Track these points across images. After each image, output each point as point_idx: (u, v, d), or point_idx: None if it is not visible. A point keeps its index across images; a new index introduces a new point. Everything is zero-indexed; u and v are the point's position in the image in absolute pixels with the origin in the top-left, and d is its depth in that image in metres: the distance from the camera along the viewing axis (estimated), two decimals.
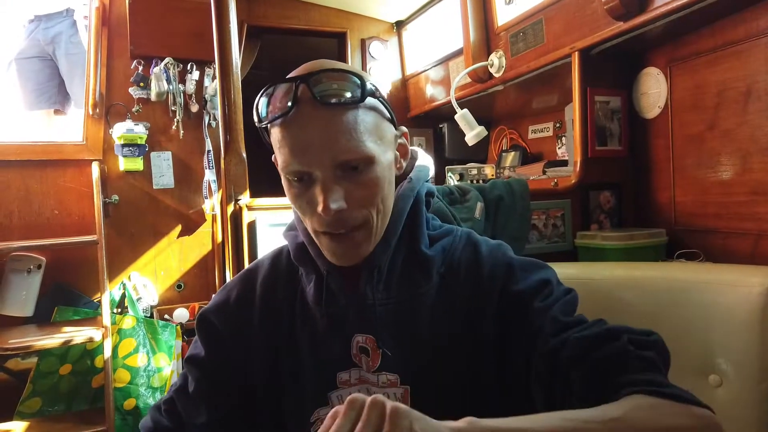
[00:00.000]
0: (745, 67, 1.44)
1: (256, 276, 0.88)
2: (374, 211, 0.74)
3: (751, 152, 1.44)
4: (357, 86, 0.71)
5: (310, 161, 0.70)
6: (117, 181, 2.66)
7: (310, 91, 0.69)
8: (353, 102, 0.70)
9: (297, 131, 0.70)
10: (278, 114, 0.70)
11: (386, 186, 0.75)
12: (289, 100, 0.70)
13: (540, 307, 0.73)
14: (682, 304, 1.19)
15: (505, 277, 0.78)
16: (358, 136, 0.70)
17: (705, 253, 1.54)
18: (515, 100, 2.46)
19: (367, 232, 0.75)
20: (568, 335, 0.68)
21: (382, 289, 0.78)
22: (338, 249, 0.75)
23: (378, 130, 0.74)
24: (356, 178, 0.71)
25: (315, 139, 0.69)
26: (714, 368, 1.14)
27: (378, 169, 0.73)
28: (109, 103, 2.65)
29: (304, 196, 0.73)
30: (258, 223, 1.53)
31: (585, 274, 1.37)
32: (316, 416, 0.78)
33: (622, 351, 0.65)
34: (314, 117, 0.69)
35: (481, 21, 2.23)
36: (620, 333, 0.67)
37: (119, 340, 2.40)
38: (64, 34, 2.87)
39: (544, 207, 1.67)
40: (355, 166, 0.71)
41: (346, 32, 2.96)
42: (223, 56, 1.49)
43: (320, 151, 0.69)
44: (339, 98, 0.70)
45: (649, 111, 1.75)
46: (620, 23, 1.56)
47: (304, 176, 0.72)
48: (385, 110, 0.76)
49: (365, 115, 0.72)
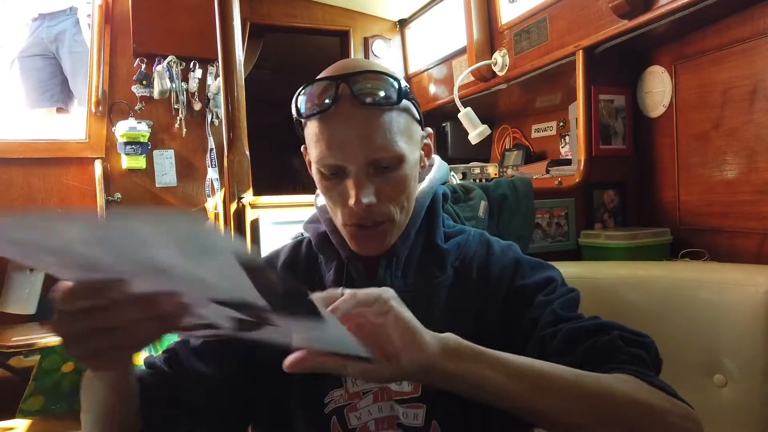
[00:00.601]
0: (751, 65, 1.43)
1: (277, 260, 0.91)
2: (399, 207, 0.78)
3: (757, 151, 1.43)
4: (394, 88, 0.74)
5: (345, 156, 0.74)
6: (120, 179, 2.66)
7: (351, 90, 0.72)
8: (389, 104, 0.74)
9: (335, 127, 0.74)
10: (318, 110, 0.74)
11: (412, 184, 0.80)
12: (329, 97, 0.73)
13: (542, 300, 0.76)
14: (687, 303, 1.18)
15: (512, 272, 0.81)
16: (391, 137, 0.74)
17: (710, 252, 1.53)
18: (518, 99, 2.45)
19: (392, 226, 0.79)
20: (561, 327, 0.71)
21: (400, 276, 0.82)
22: (364, 240, 0.79)
23: (408, 130, 0.78)
24: (386, 176, 0.75)
25: (352, 136, 0.73)
26: (719, 368, 1.14)
27: (407, 167, 0.77)
28: (112, 101, 2.66)
29: (336, 189, 0.77)
30: (261, 220, 1.52)
31: (589, 273, 1.37)
32: (330, 397, 0.79)
33: (610, 345, 0.67)
34: (352, 115, 0.73)
35: (485, 19, 2.22)
36: (612, 328, 0.70)
37: None
38: (67, 32, 2.87)
39: (547, 206, 1.66)
40: (386, 165, 0.75)
41: (349, 30, 2.96)
42: (227, 54, 1.48)
43: (356, 147, 0.73)
44: (377, 99, 0.73)
45: (654, 110, 1.74)
46: (625, 21, 1.55)
47: (338, 170, 0.75)
48: (415, 111, 0.81)
49: (399, 116, 0.76)
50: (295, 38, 3.12)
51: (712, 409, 1.14)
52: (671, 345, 1.20)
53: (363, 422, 0.78)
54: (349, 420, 0.78)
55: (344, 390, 0.79)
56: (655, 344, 0.71)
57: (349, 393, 0.79)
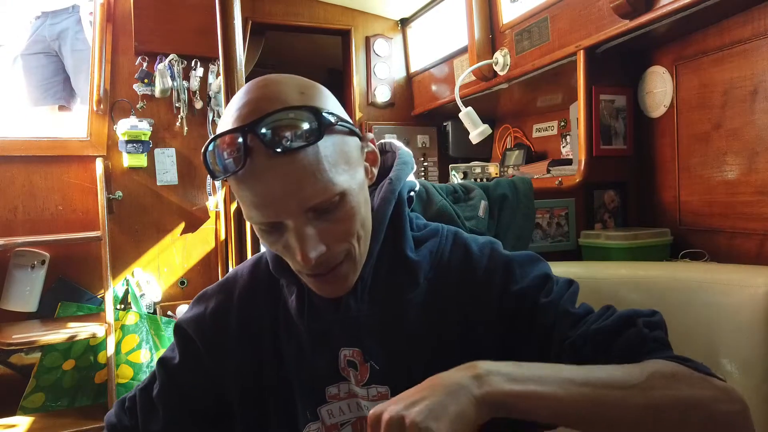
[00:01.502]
0: (752, 66, 1.43)
1: (234, 286, 0.84)
2: (355, 240, 0.69)
3: (758, 152, 1.43)
4: (312, 121, 0.62)
5: (276, 212, 0.64)
6: (121, 177, 2.66)
7: (260, 140, 0.61)
8: (310, 143, 0.62)
9: (254, 184, 0.63)
10: (231, 170, 0.63)
11: (363, 209, 0.70)
12: (238, 153, 0.61)
13: (547, 302, 0.72)
14: (687, 304, 1.18)
15: (503, 276, 0.76)
16: (323, 176, 0.63)
17: (710, 253, 1.53)
18: (520, 99, 2.45)
19: (352, 263, 0.71)
20: (586, 328, 0.69)
21: (367, 300, 0.75)
22: (324, 287, 0.72)
23: (343, 155, 0.67)
24: (330, 217, 0.66)
25: (277, 190, 0.62)
26: (718, 369, 1.14)
27: (352, 199, 0.67)
28: (114, 99, 2.66)
29: (279, 242, 0.68)
30: None
31: (589, 273, 1.37)
32: (307, 431, 0.77)
33: (640, 336, 0.67)
34: (270, 167, 0.62)
35: (486, 19, 2.22)
36: (634, 318, 0.69)
37: (122, 336, 2.40)
38: (70, 31, 2.87)
39: (548, 206, 1.66)
40: (326, 208, 0.65)
41: (351, 30, 2.96)
42: (228, 53, 1.48)
43: (285, 200, 0.63)
44: (293, 143, 0.61)
45: (655, 110, 1.74)
46: (626, 21, 1.55)
47: (275, 225, 0.66)
48: (345, 128, 0.68)
49: (326, 147, 0.64)
50: (296, 37, 3.12)
51: None
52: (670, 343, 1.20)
53: None
54: None
55: (320, 423, 0.76)
56: (662, 316, 0.72)
57: (326, 426, 0.76)
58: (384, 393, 0.74)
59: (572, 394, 0.56)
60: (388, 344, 0.75)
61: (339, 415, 0.76)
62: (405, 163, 0.83)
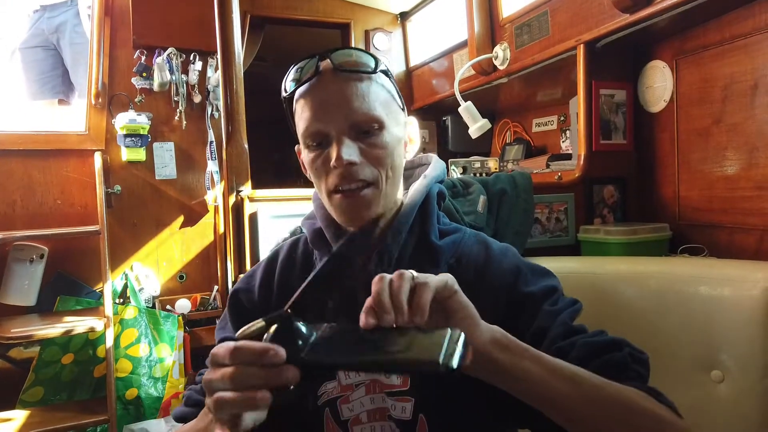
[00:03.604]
0: (752, 60, 1.42)
1: (276, 262, 0.94)
2: (384, 172, 0.80)
3: (758, 147, 1.42)
4: (371, 61, 0.81)
5: (327, 122, 0.78)
6: (119, 171, 2.65)
7: (331, 63, 0.79)
8: (366, 72, 0.80)
9: (317, 96, 0.79)
10: (304, 79, 0.80)
11: (395, 156, 0.82)
12: (311, 71, 0.79)
13: (549, 310, 0.78)
14: (685, 299, 1.18)
15: (513, 278, 0.82)
16: (369, 103, 0.79)
17: (709, 248, 1.53)
18: (519, 93, 2.44)
19: (377, 192, 0.80)
20: (576, 339, 0.74)
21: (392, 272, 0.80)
22: (349, 207, 0.80)
23: (388, 105, 0.82)
24: (368, 140, 0.79)
25: (332, 102, 0.78)
26: (717, 364, 1.14)
27: (387, 136, 0.80)
28: (112, 93, 2.64)
29: (320, 157, 0.80)
30: (259, 214, 1.52)
31: (587, 268, 1.37)
32: (323, 389, 0.81)
33: (623, 361, 0.71)
34: (333, 83, 0.79)
35: (486, 13, 2.21)
36: (623, 345, 0.74)
37: (121, 330, 2.40)
38: (68, 24, 2.86)
39: (547, 201, 1.66)
40: (366, 130, 0.78)
41: (350, 23, 2.95)
42: (226, 46, 1.48)
43: (336, 111, 0.77)
44: (354, 67, 0.79)
45: (655, 105, 1.73)
46: (626, 15, 1.54)
47: (322, 139, 0.79)
48: (396, 95, 0.86)
49: (378, 88, 0.81)
50: (295, 31, 3.11)
51: (709, 405, 1.14)
52: (669, 340, 1.20)
53: (355, 414, 0.80)
54: (341, 412, 0.80)
55: (337, 382, 0.80)
56: (649, 360, 0.75)
57: (342, 385, 0.80)
58: None
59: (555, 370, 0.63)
60: None
61: (355, 376, 0.81)
62: (437, 167, 0.97)
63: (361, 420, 0.79)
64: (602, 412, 0.63)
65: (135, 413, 2.37)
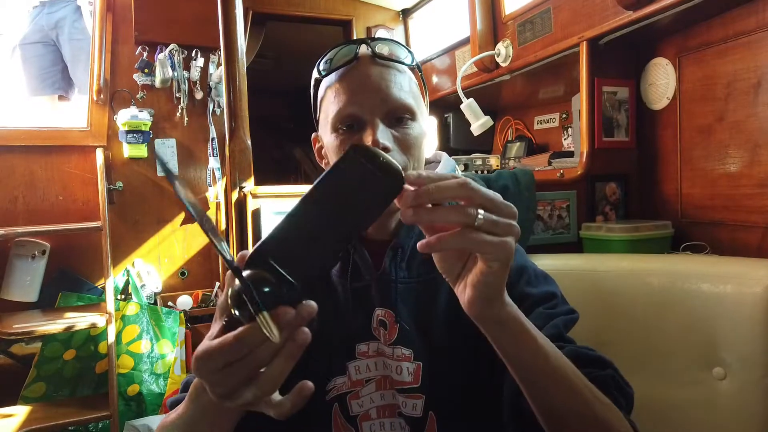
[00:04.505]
0: (755, 58, 1.42)
1: None
2: (412, 161, 0.79)
3: (760, 144, 1.42)
4: (408, 54, 0.83)
5: (363, 104, 0.77)
6: (121, 167, 2.66)
7: (370, 50, 0.80)
8: (403, 63, 0.82)
9: (355, 80, 0.79)
10: (341, 64, 0.80)
11: (422, 149, 0.83)
12: (350, 55, 0.80)
13: (545, 313, 0.78)
14: (687, 297, 1.18)
15: (517, 277, 0.82)
16: (405, 93, 0.80)
17: (712, 246, 1.53)
18: (522, 90, 2.44)
19: None
20: (562, 345, 0.72)
21: (405, 267, 0.83)
22: None
23: (418, 99, 0.83)
24: (400, 129, 0.79)
25: (370, 86, 0.78)
26: (718, 361, 1.14)
27: (417, 127, 0.81)
28: (114, 89, 2.65)
29: (350, 140, 0.78)
30: (262, 210, 1.52)
31: (589, 265, 1.37)
32: (333, 384, 0.80)
33: (603, 381, 0.68)
34: (371, 69, 0.79)
35: (489, 9, 2.21)
36: (607, 365, 0.72)
37: (123, 326, 2.41)
38: (67, 20, 2.86)
39: (549, 198, 1.66)
40: (400, 117, 0.79)
41: (352, 20, 2.94)
42: (229, 43, 1.47)
43: (373, 96, 0.77)
44: (393, 57, 0.81)
45: (657, 102, 1.73)
46: (629, 12, 1.54)
47: (355, 122, 0.78)
48: (424, 92, 0.88)
49: (411, 81, 0.83)
50: (297, 27, 3.11)
51: (710, 402, 1.14)
52: (671, 338, 1.20)
53: (365, 410, 0.80)
54: (351, 407, 0.80)
55: (347, 377, 0.80)
56: (634, 397, 0.72)
57: (352, 381, 0.80)
58: (408, 355, 0.79)
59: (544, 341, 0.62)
60: (418, 311, 0.82)
61: (365, 371, 0.80)
62: (450, 166, 0.98)
63: (371, 416, 0.79)
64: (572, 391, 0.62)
65: (137, 409, 2.37)
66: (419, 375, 0.78)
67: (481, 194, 0.52)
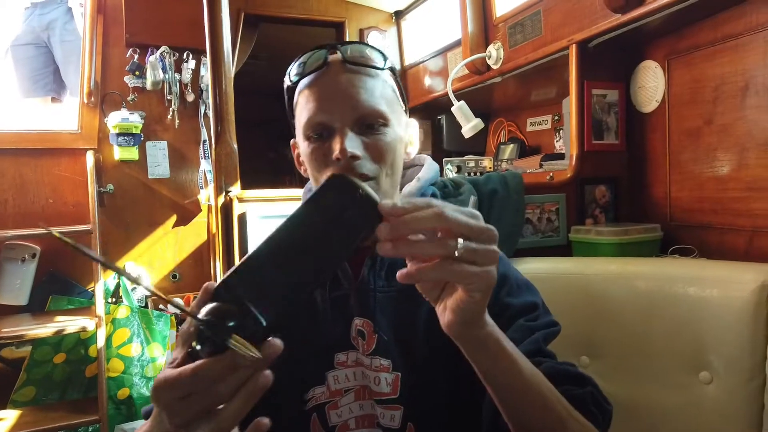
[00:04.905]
0: (743, 61, 1.42)
1: None
2: (384, 169, 0.78)
3: (748, 148, 1.42)
4: (380, 58, 0.81)
5: (332, 112, 0.76)
6: (112, 170, 2.65)
7: (340, 55, 0.78)
8: (375, 68, 0.80)
9: (324, 87, 0.78)
10: (310, 71, 0.79)
11: (396, 154, 0.80)
12: (319, 61, 0.78)
13: (525, 325, 0.77)
14: (675, 300, 1.18)
15: (498, 287, 0.79)
16: (376, 98, 0.78)
17: (700, 249, 1.53)
18: (513, 93, 2.44)
19: (376, 188, 0.77)
20: (541, 360, 0.71)
21: (383, 277, 0.82)
22: None
23: (392, 104, 0.81)
24: (371, 135, 0.77)
25: (339, 93, 0.76)
26: (705, 365, 1.14)
27: (391, 133, 0.79)
28: (104, 91, 2.64)
29: (321, 149, 0.77)
30: (248, 215, 1.51)
31: (578, 269, 1.36)
32: (311, 394, 0.79)
33: (581, 399, 0.68)
34: (341, 75, 0.77)
35: (480, 12, 2.21)
36: (587, 383, 0.71)
37: (113, 329, 2.39)
38: (59, 21, 2.85)
39: (538, 201, 1.65)
40: (371, 124, 0.77)
41: (345, 22, 2.94)
42: (215, 45, 1.47)
43: (342, 104, 0.76)
44: (364, 62, 0.79)
45: (647, 105, 1.73)
46: (618, 15, 1.54)
47: (324, 130, 0.77)
48: (400, 95, 0.85)
49: (384, 86, 0.80)
50: (289, 29, 3.10)
51: (697, 406, 1.14)
52: (658, 341, 1.20)
53: (343, 420, 0.79)
54: (329, 417, 0.79)
55: (326, 387, 0.79)
56: (612, 413, 0.72)
57: (331, 390, 0.79)
58: (386, 366, 0.78)
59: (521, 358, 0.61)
60: (397, 321, 0.81)
61: (344, 381, 0.80)
62: (431, 169, 0.96)
63: (349, 426, 0.78)
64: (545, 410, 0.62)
65: (127, 413, 2.36)
66: (398, 386, 0.77)
67: (459, 222, 0.51)
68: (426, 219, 0.50)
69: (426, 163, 0.97)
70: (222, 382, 0.46)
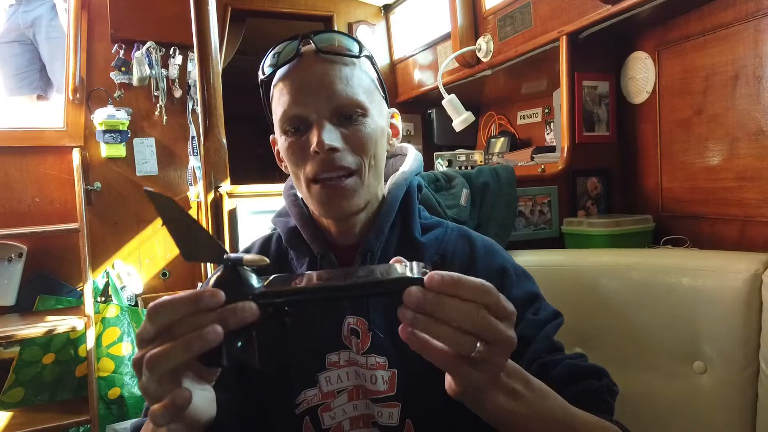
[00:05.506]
0: (733, 51, 1.42)
1: None
2: (366, 161, 0.76)
3: (739, 137, 1.42)
4: (355, 46, 0.78)
5: (307, 104, 0.74)
6: (99, 167, 2.61)
7: (313, 44, 0.76)
8: (350, 56, 0.77)
9: (298, 78, 0.75)
10: (283, 62, 0.76)
11: (378, 145, 0.78)
12: (292, 52, 0.76)
13: (533, 319, 0.77)
14: (668, 291, 1.18)
15: (499, 281, 0.79)
16: (353, 88, 0.75)
17: (692, 239, 1.53)
18: (504, 86, 2.43)
19: (359, 182, 0.76)
20: (561, 358, 0.74)
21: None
22: (329, 197, 0.75)
23: (371, 93, 0.78)
24: (350, 126, 0.75)
25: (314, 85, 0.74)
26: (699, 355, 1.14)
27: (371, 123, 0.76)
28: (90, 88, 2.60)
29: (299, 143, 0.75)
30: (239, 210, 1.50)
31: (571, 261, 1.36)
32: (303, 397, 0.78)
33: (600, 392, 0.71)
34: (315, 66, 0.75)
35: (469, 4, 2.19)
36: (603, 375, 0.74)
37: (103, 329, 2.37)
38: (43, 18, 2.80)
39: (530, 193, 1.65)
40: (349, 115, 0.75)
41: (333, 16, 2.91)
42: (202, 40, 1.44)
43: (318, 95, 0.73)
44: (338, 51, 0.76)
45: (637, 96, 1.73)
46: (608, 6, 1.53)
47: (301, 123, 0.75)
48: (379, 84, 0.82)
49: (361, 74, 0.78)
50: (277, 24, 3.07)
51: (691, 396, 1.14)
52: (652, 332, 1.20)
53: (337, 422, 0.77)
54: (322, 420, 0.77)
55: (318, 389, 0.78)
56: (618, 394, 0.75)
57: (323, 392, 0.78)
58: (382, 363, 0.77)
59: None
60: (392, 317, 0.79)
61: (337, 382, 0.78)
62: (417, 161, 0.93)
63: (344, 428, 0.77)
64: None
65: (118, 413, 2.34)
66: (394, 383, 0.76)
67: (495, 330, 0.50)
68: (464, 312, 0.48)
69: (409, 153, 0.94)
70: (205, 314, 0.48)
